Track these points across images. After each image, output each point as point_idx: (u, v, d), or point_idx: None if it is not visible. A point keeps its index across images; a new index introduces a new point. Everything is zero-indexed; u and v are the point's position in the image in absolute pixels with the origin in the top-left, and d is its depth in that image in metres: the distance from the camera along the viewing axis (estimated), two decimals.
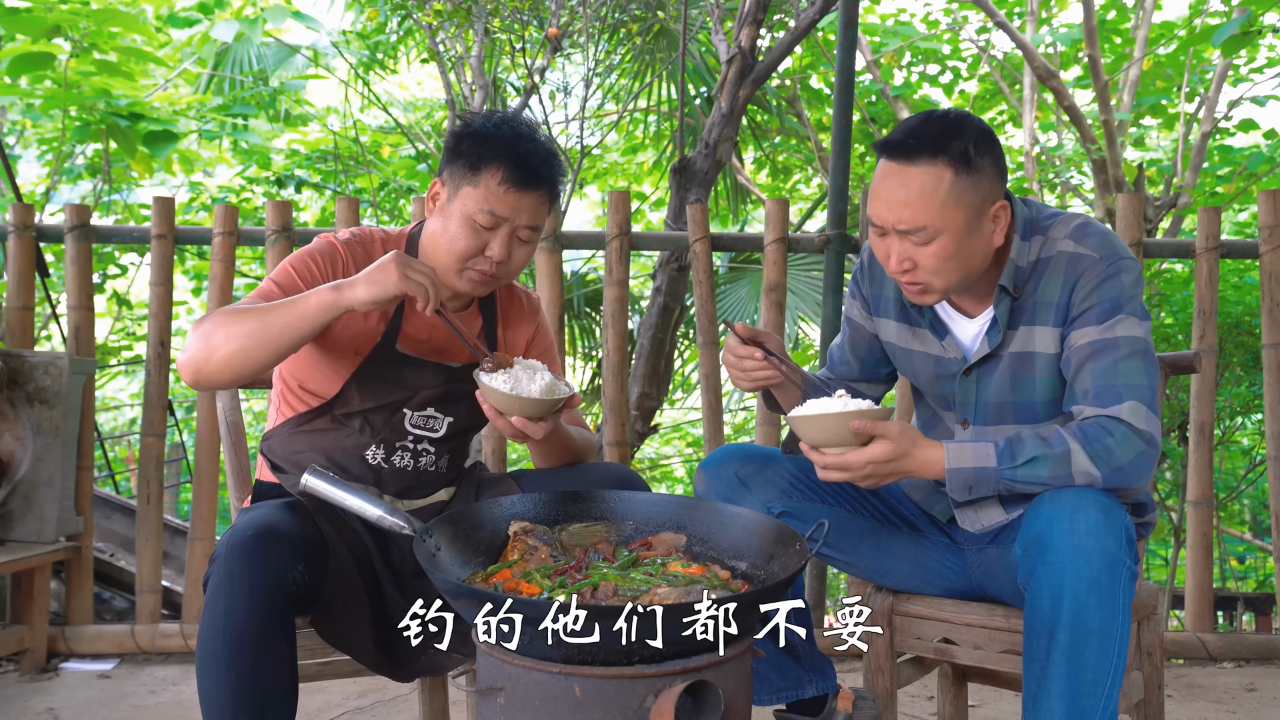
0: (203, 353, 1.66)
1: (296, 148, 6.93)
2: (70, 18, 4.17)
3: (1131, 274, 1.72)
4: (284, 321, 1.64)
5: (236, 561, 1.56)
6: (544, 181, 1.80)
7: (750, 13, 4.46)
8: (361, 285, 1.63)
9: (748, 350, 1.80)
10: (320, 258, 1.82)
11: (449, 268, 1.80)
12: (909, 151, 1.68)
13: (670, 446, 8.85)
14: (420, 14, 5.18)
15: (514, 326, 2.02)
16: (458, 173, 1.79)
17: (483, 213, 1.76)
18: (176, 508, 7.01)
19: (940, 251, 1.69)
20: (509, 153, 1.77)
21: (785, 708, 1.87)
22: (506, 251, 1.79)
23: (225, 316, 1.67)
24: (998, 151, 1.73)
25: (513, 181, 1.76)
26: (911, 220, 1.68)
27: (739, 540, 1.67)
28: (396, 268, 1.63)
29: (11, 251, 3.36)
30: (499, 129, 1.80)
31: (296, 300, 1.66)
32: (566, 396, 1.74)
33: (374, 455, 1.87)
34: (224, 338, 1.65)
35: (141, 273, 6.08)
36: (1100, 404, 1.66)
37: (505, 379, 1.71)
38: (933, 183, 1.66)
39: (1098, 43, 5.81)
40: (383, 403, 1.84)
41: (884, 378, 2.06)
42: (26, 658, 3.11)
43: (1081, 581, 1.53)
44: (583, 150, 5.51)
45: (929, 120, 1.72)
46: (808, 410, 1.66)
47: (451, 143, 1.83)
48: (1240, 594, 4.18)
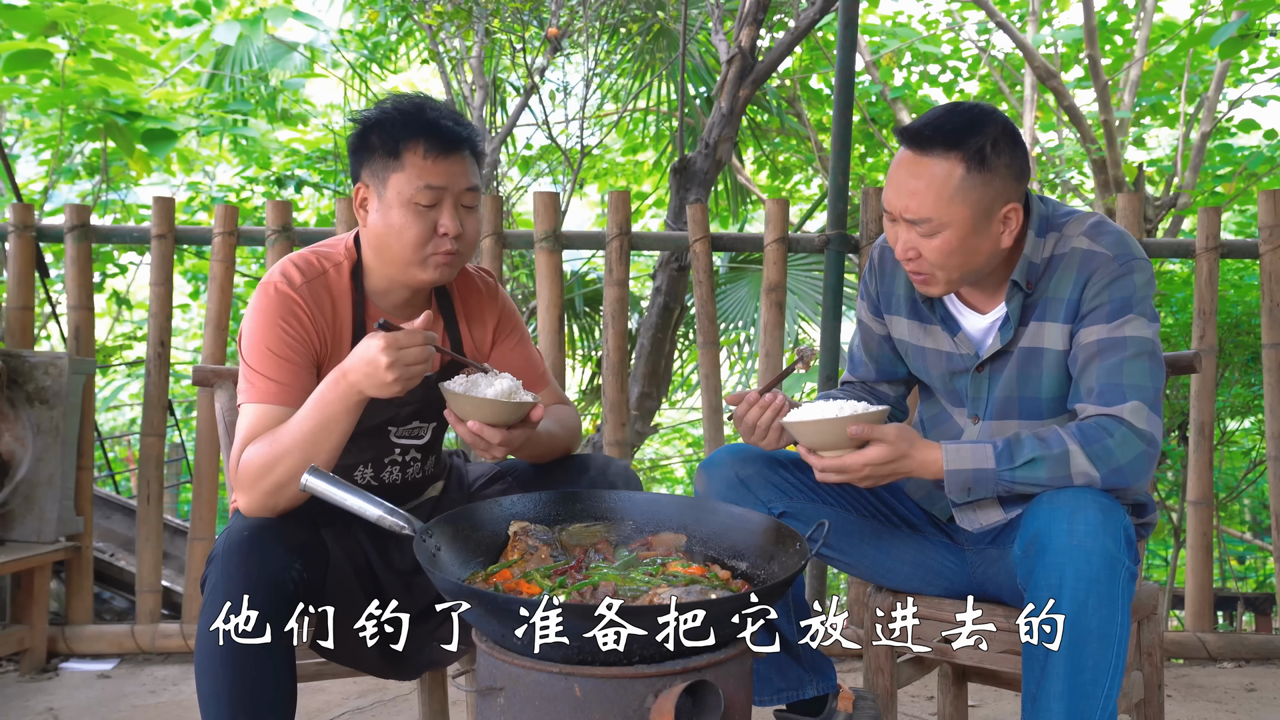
0: (267, 500, 1.64)
1: (296, 147, 6.92)
2: (67, 15, 4.16)
3: (1144, 274, 1.72)
4: (329, 443, 1.62)
5: (234, 561, 1.56)
6: (464, 141, 1.76)
7: (750, 13, 4.46)
8: (370, 385, 1.59)
9: (745, 405, 1.76)
10: (285, 324, 1.72)
11: (409, 261, 1.74)
12: (925, 141, 1.68)
13: (670, 446, 8.85)
14: (420, 15, 5.18)
15: (477, 320, 1.95)
16: (377, 166, 1.74)
17: (420, 190, 1.71)
18: (176, 508, 7.00)
19: (943, 246, 1.69)
20: (421, 125, 1.72)
21: (785, 708, 1.87)
22: (457, 222, 1.74)
23: (265, 461, 1.63)
24: (1019, 153, 1.72)
25: (437, 149, 1.72)
26: (917, 210, 1.68)
27: (739, 540, 1.67)
28: (392, 373, 1.56)
29: (11, 251, 3.36)
30: (400, 108, 1.75)
31: (320, 410, 1.62)
32: (528, 403, 1.67)
33: (363, 475, 1.87)
34: (278, 480, 1.62)
35: (141, 273, 6.08)
36: (1104, 403, 1.65)
37: (463, 383, 1.67)
38: (942, 176, 1.67)
39: (1098, 43, 5.81)
40: (368, 426, 1.78)
41: (902, 377, 2.04)
42: (26, 658, 3.10)
43: (1080, 582, 1.53)
44: (583, 150, 5.52)
45: (952, 112, 1.72)
46: (805, 414, 1.66)
47: (357, 143, 1.77)
48: (1240, 594, 4.18)
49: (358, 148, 1.78)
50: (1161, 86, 6.79)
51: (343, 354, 1.77)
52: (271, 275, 1.77)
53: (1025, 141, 6.78)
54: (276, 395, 1.70)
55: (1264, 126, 6.37)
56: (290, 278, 1.76)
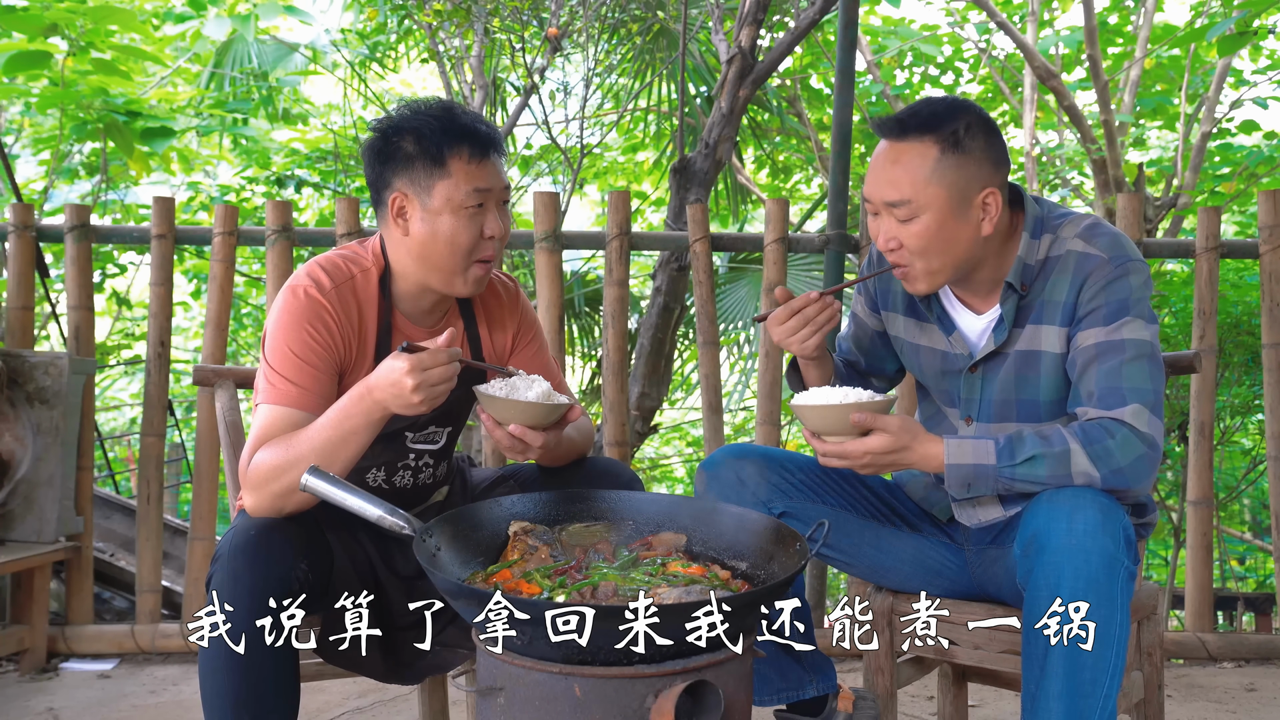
0: (275, 502, 1.63)
1: (296, 147, 6.92)
2: (67, 15, 4.16)
3: (1140, 276, 1.72)
4: (346, 454, 1.62)
5: (240, 561, 1.56)
6: (495, 141, 1.77)
7: (750, 13, 4.46)
8: (396, 405, 1.59)
9: (804, 299, 1.80)
10: (312, 329, 1.72)
11: (455, 268, 1.75)
12: (901, 128, 1.72)
13: (670, 446, 8.85)
14: (420, 14, 5.18)
15: (497, 325, 1.96)
16: (419, 175, 1.73)
17: (470, 195, 1.72)
18: (176, 508, 7.01)
19: (923, 230, 1.70)
20: (458, 130, 1.73)
21: (785, 708, 1.87)
22: (500, 223, 1.76)
23: (278, 465, 1.62)
24: (995, 140, 1.74)
25: (479, 153, 1.73)
26: (897, 193, 1.70)
27: (739, 540, 1.67)
28: (418, 395, 1.56)
29: (11, 251, 3.36)
30: (431, 115, 1.74)
31: (342, 423, 1.61)
32: (566, 404, 1.69)
33: (375, 478, 1.87)
34: (290, 484, 1.60)
35: (141, 273, 6.08)
36: (1104, 406, 1.66)
37: (502, 387, 1.67)
38: (918, 158, 1.69)
39: (1098, 43, 5.81)
40: (385, 431, 1.76)
41: (890, 374, 2.07)
42: (26, 658, 3.10)
43: (1079, 581, 1.53)
44: (583, 150, 5.51)
45: (928, 102, 1.75)
46: (811, 398, 1.67)
47: (386, 152, 1.75)
48: (1240, 594, 4.17)
49: (387, 156, 1.75)
50: (1162, 87, 6.80)
51: (366, 360, 1.78)
52: (299, 278, 1.76)
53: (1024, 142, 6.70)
54: (296, 399, 1.69)
55: (1264, 127, 6.38)
56: (320, 282, 1.75)
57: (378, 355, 1.79)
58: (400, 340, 1.80)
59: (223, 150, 7.27)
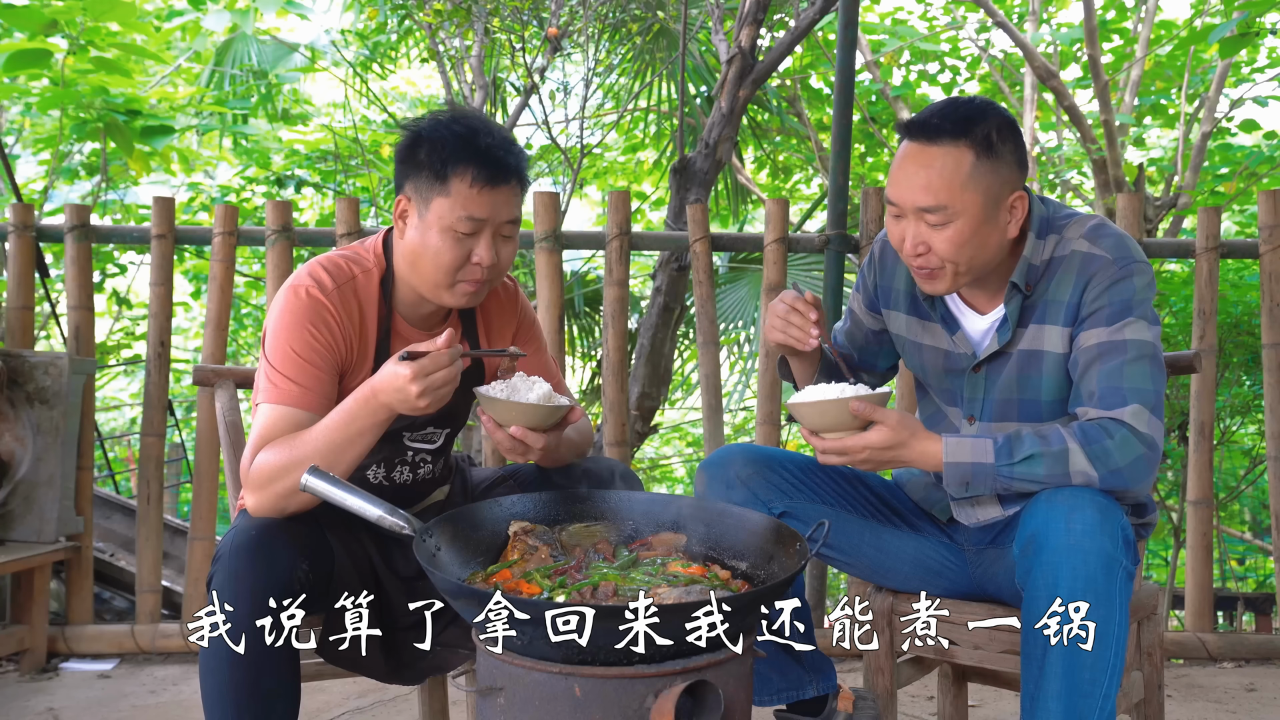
0: (277, 502, 1.63)
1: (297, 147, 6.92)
2: (67, 12, 4.15)
3: (1144, 277, 1.72)
4: (350, 455, 1.62)
5: (240, 560, 1.56)
6: (513, 173, 1.73)
7: (750, 13, 4.46)
8: (402, 407, 1.59)
9: (806, 308, 1.80)
10: (314, 329, 1.71)
11: (439, 283, 1.73)
12: (932, 132, 1.69)
13: (670, 446, 8.85)
14: (420, 14, 5.18)
15: (497, 326, 1.95)
16: (423, 185, 1.71)
17: (461, 220, 1.69)
18: (176, 508, 7.01)
19: (955, 236, 1.69)
20: (472, 152, 1.69)
21: (785, 708, 1.87)
22: (493, 254, 1.73)
23: (282, 465, 1.61)
24: (1019, 142, 1.73)
25: (484, 181, 1.69)
26: (933, 199, 1.68)
27: (739, 540, 1.67)
28: (423, 399, 1.56)
29: (11, 251, 3.36)
30: (454, 129, 1.71)
31: (346, 425, 1.62)
32: (567, 406, 1.69)
33: (375, 474, 1.87)
34: (293, 485, 1.60)
35: (141, 273, 6.08)
36: (1104, 406, 1.65)
37: (503, 389, 1.67)
38: (954, 164, 1.68)
39: (1098, 42, 5.81)
40: (385, 431, 1.76)
41: (881, 370, 2.08)
42: (26, 658, 3.10)
43: (1077, 581, 1.53)
44: (583, 150, 5.51)
45: (954, 104, 1.73)
46: (808, 396, 1.67)
47: (405, 154, 1.74)
48: (1240, 594, 4.18)
49: (405, 158, 1.75)
50: (1161, 86, 6.79)
51: (367, 361, 1.78)
52: (300, 278, 1.75)
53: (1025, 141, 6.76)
54: (297, 399, 1.69)
55: (1264, 127, 6.37)
56: (321, 282, 1.74)
57: (378, 356, 1.79)
58: (400, 342, 1.80)
59: (223, 150, 7.27)
